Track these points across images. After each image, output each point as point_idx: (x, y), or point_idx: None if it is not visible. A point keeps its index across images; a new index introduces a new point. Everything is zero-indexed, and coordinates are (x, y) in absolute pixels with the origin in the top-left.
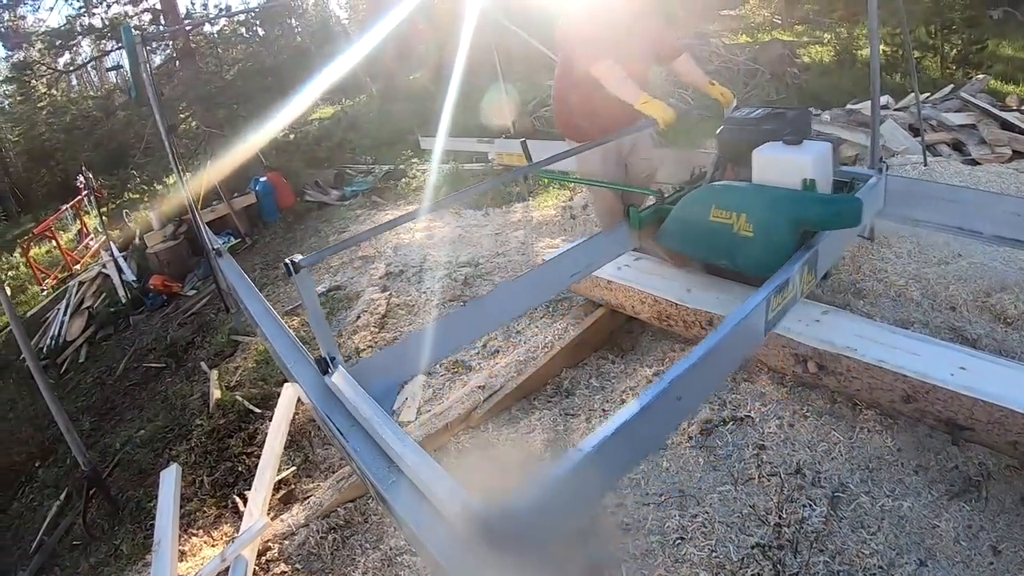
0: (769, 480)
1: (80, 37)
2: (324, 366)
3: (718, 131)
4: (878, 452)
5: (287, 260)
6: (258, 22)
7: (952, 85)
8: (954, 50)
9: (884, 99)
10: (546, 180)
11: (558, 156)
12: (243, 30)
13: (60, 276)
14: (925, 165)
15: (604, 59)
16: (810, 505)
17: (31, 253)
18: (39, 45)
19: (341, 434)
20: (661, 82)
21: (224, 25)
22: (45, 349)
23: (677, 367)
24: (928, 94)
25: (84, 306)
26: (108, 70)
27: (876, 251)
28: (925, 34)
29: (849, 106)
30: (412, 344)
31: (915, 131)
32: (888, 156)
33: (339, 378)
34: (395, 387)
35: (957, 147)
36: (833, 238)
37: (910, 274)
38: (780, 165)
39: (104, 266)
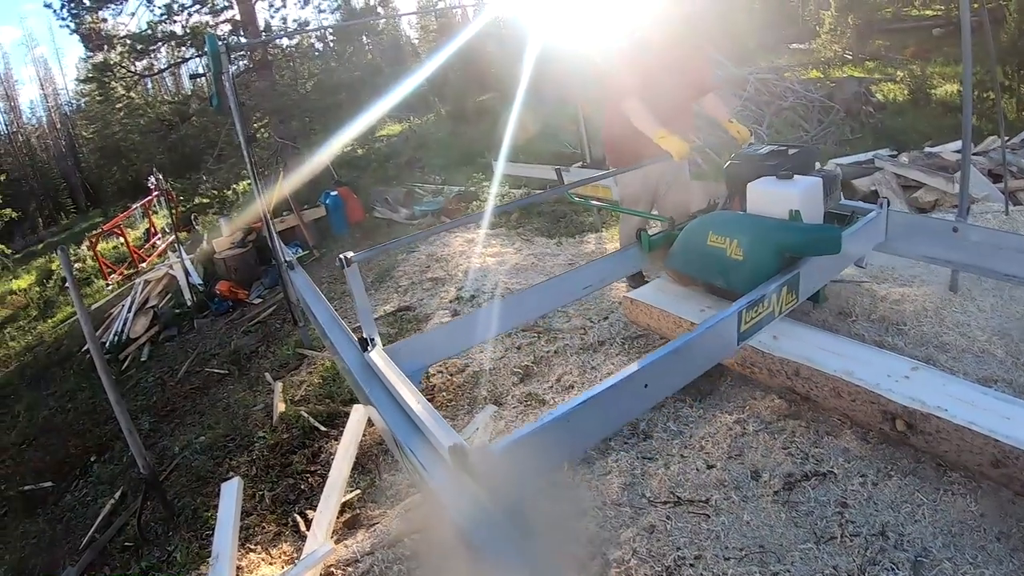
0: (852, 540)
1: (160, 43)
2: (364, 345)
3: (726, 166)
4: (961, 516)
5: (341, 256)
6: (334, 38)
7: None
8: None
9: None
10: (577, 202)
11: (584, 180)
12: (319, 45)
13: (126, 272)
14: (1007, 214)
15: (631, 96)
16: (893, 569)
17: (99, 247)
18: (119, 48)
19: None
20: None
21: (301, 39)
22: (108, 345)
23: (647, 358)
24: (1007, 137)
25: (149, 305)
26: (191, 77)
27: (960, 304)
28: (1001, 74)
29: (927, 148)
30: (437, 335)
31: (995, 177)
32: (970, 203)
33: (376, 355)
34: (423, 366)
35: None
36: (818, 264)
37: (993, 329)
38: (770, 197)
39: (171, 267)
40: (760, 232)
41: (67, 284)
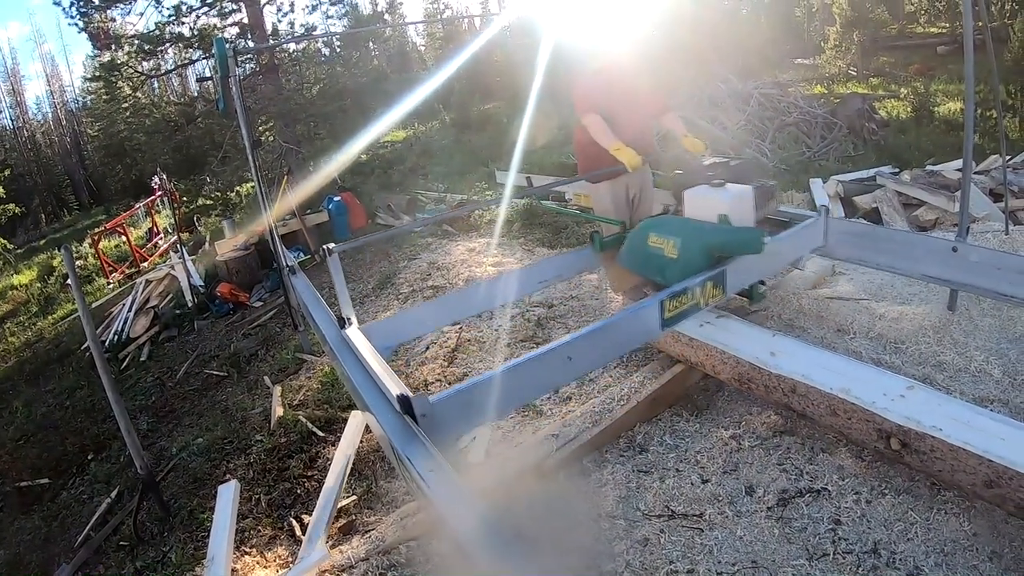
0: (844, 557)
1: (168, 44)
2: (342, 323)
3: (672, 176)
4: (954, 535)
5: (324, 246)
6: (341, 44)
7: None
8: None
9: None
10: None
11: (549, 186)
12: (326, 50)
13: (127, 271)
14: (1007, 233)
15: (592, 112)
16: None
17: (100, 245)
18: (127, 48)
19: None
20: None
21: (308, 44)
22: (108, 343)
23: (573, 334)
24: (1009, 157)
25: (149, 305)
26: (198, 80)
27: (958, 323)
28: (1005, 93)
29: (929, 167)
30: (407, 317)
31: (996, 196)
32: (970, 222)
33: (352, 332)
34: (394, 344)
35: None
36: (745, 263)
37: (991, 349)
38: (703, 203)
39: (173, 267)
40: (691, 234)
41: (68, 281)
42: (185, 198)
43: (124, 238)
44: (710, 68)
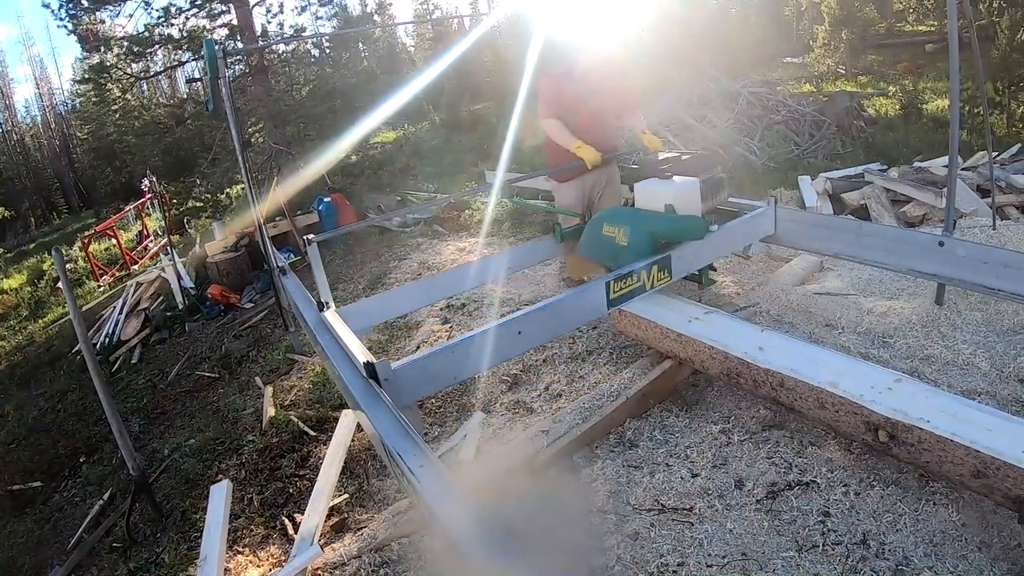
0: (834, 549)
1: (157, 46)
2: (320, 307)
3: (628, 169)
4: (943, 526)
5: (303, 237)
6: (330, 44)
7: (1020, 144)
8: (1022, 107)
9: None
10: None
11: (517, 179)
12: (315, 51)
13: (118, 274)
14: (994, 228)
15: (550, 117)
16: None
17: (91, 248)
18: (116, 50)
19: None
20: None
21: (297, 45)
22: (99, 346)
23: (523, 310)
24: (996, 153)
25: (140, 307)
26: (188, 82)
27: (945, 317)
28: (992, 90)
29: (916, 164)
30: (376, 302)
31: (983, 192)
32: (957, 217)
33: (330, 315)
34: (369, 327)
35: None
36: (691, 248)
37: (978, 343)
38: (651, 194)
39: (163, 270)
40: (638, 222)
41: (59, 284)
42: (175, 200)
43: (114, 241)
44: (699, 67)
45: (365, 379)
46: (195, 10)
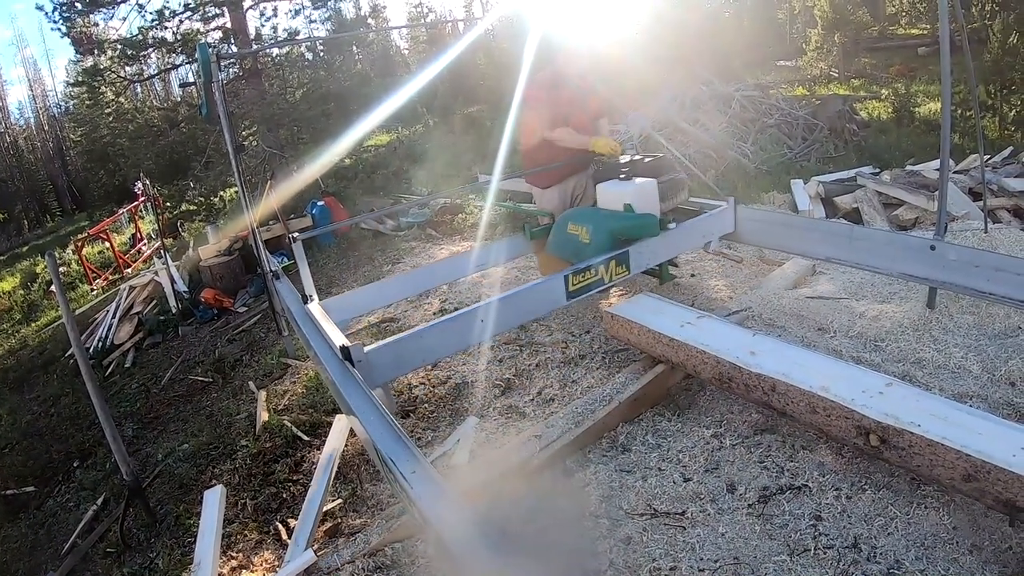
0: (825, 553)
1: (151, 49)
2: (304, 300)
3: (592, 172)
4: (934, 529)
5: (290, 234)
6: (324, 48)
7: (1012, 148)
8: (1013, 111)
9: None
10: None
11: (502, 180)
12: (309, 54)
13: (111, 278)
14: (986, 232)
15: (556, 127)
16: None
17: (84, 251)
18: (110, 53)
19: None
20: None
21: (291, 48)
22: (92, 350)
23: (486, 300)
24: (988, 156)
25: (133, 311)
26: (181, 85)
27: (937, 321)
28: (984, 93)
29: (908, 167)
30: (359, 295)
31: (975, 195)
32: (949, 220)
33: (314, 307)
34: (349, 319)
35: (1018, 214)
36: (649, 245)
37: (969, 346)
38: (611, 195)
39: (156, 273)
40: (599, 221)
41: (52, 288)
42: (168, 203)
43: (107, 244)
44: (692, 70)
45: (342, 362)
46: (189, 13)
